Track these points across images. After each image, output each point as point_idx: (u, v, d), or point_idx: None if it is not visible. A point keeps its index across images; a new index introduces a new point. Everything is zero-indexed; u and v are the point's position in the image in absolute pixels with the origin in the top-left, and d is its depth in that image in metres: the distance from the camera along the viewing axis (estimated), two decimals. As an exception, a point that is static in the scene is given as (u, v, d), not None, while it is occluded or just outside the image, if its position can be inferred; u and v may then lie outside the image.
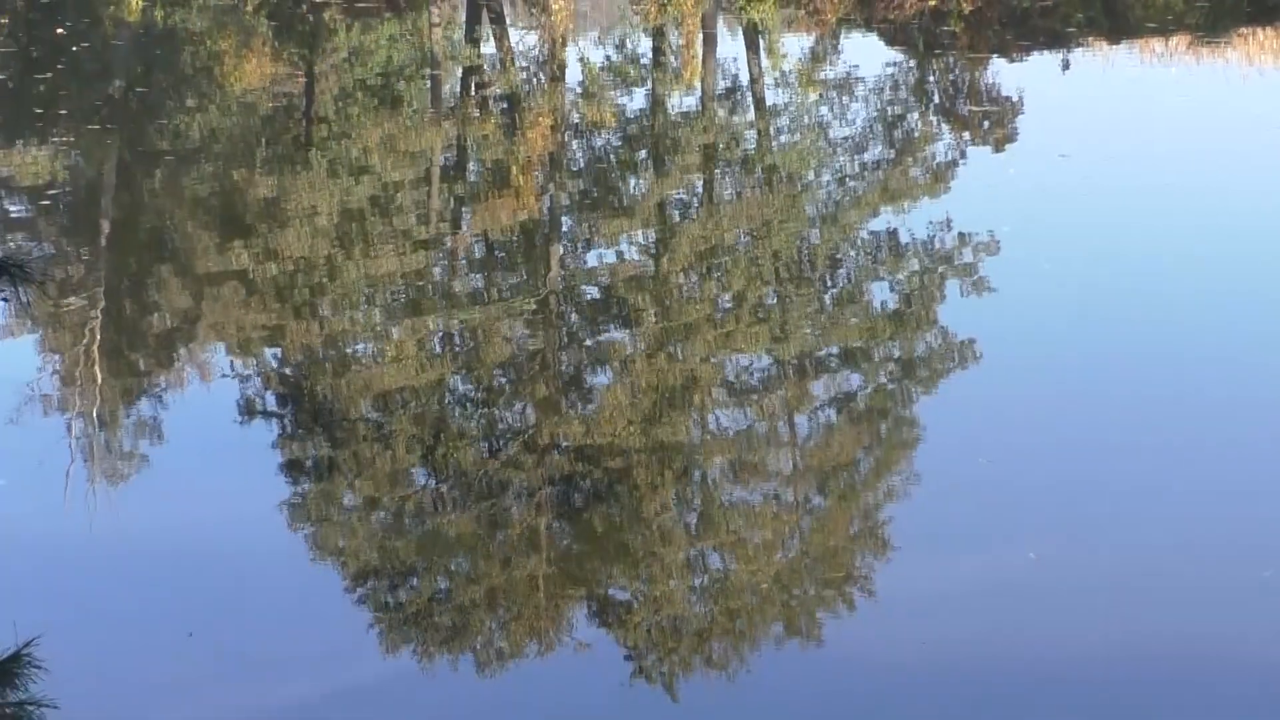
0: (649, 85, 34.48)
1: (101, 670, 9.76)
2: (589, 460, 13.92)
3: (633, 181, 25.66)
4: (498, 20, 42.77)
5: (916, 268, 19.85)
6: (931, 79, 34.31)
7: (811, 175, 25.75)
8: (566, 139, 28.57)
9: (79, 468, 14.07)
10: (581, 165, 26.64)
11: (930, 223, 21.75)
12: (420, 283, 19.81)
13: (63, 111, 29.88)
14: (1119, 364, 16.11)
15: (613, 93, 33.41)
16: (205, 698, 10.20)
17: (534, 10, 44.35)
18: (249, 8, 44.70)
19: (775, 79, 34.85)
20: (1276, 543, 12.10)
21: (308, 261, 20.58)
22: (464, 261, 21.01)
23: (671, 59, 37.97)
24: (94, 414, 15.55)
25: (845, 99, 32.12)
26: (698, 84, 34.60)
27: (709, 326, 17.82)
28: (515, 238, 21.90)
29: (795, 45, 38.94)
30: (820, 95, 32.58)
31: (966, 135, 28.54)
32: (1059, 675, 10.41)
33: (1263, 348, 16.58)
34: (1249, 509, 12.71)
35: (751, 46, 39.15)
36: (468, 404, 15.89)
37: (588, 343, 17.51)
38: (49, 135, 27.86)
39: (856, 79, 34.16)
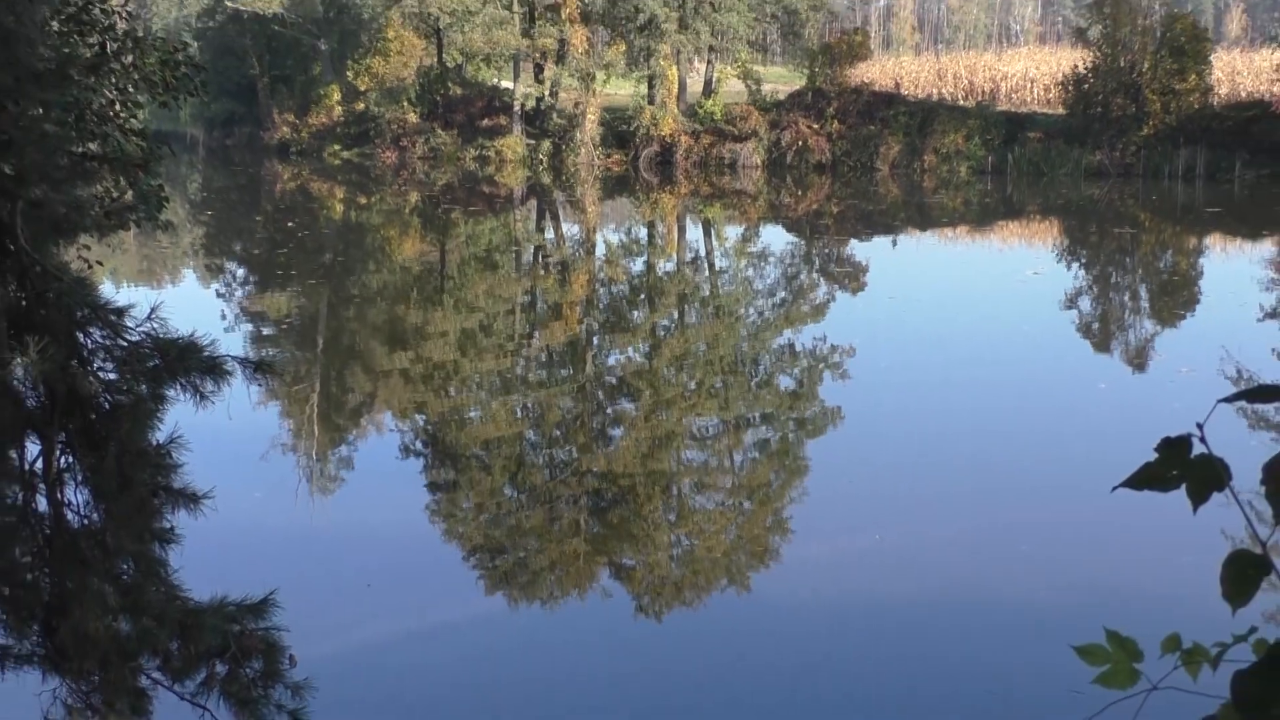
0: (645, 256, 34.63)
1: (314, 608, 9.69)
2: (610, 481, 13.89)
3: (635, 313, 25.73)
4: (555, 217, 43.15)
5: (805, 365, 19.87)
6: (814, 252, 34.45)
7: (742, 310, 25.85)
8: (596, 288, 28.66)
9: (303, 485, 14.04)
10: (605, 304, 26.71)
11: (813, 337, 21.83)
12: (508, 374, 19.83)
13: (293, 272, 29.96)
14: (932, 419, 16.10)
15: (623, 260, 33.55)
16: (379, 626, 10.16)
17: (576, 212, 44.70)
18: (406, 210, 45.00)
19: (720, 252, 34.99)
20: (1030, 527, 12.08)
21: (441, 362, 20.61)
22: (534, 362, 21.03)
23: (659, 239, 38.21)
24: (312, 453, 15.52)
25: (762, 264, 32.27)
26: (674, 255, 34.79)
27: (681, 400, 17.81)
28: (565, 347, 21.94)
29: (733, 231, 39.18)
30: (747, 262, 32.74)
31: (835, 286, 28.61)
32: (893, 614, 10.37)
33: (1021, 400, 16.65)
34: (1016, 508, 12.69)
35: (706, 232, 39.48)
36: (536, 447, 15.86)
37: (608, 410, 17.49)
38: (285, 286, 27.93)
39: (769, 252, 34.33)
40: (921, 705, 8.77)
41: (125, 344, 6.07)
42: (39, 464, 5.97)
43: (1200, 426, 1.73)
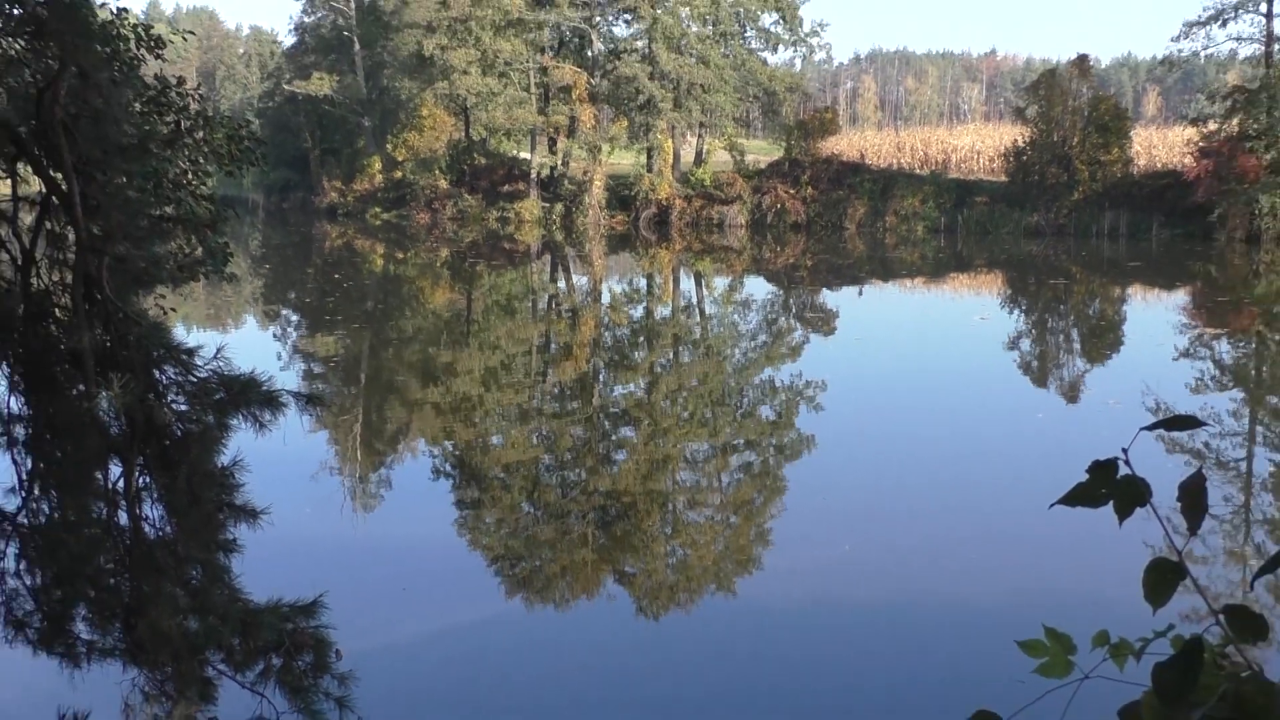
0: (644, 303, 34.67)
1: (356, 609, 9.65)
2: (614, 498, 13.85)
3: (636, 353, 25.73)
4: (566, 270, 43.22)
5: (783, 397, 19.85)
6: (791, 300, 34.49)
7: (729, 350, 25.84)
8: (602, 331, 28.70)
9: (347, 502, 14.00)
10: (610, 344, 26.73)
11: (790, 374, 21.81)
12: (526, 406, 19.80)
13: (339, 318, 30.00)
14: (894, 444, 16.08)
15: (626, 307, 33.59)
16: (413, 624, 10.11)
17: (585, 265, 44.77)
18: (438, 264, 45.07)
19: (710, 300, 35.02)
20: (978, 538, 12.05)
21: (467, 395, 20.59)
22: (549, 395, 21.02)
23: (656, 289, 38.26)
24: (356, 474, 15.49)
25: (746, 311, 32.29)
26: (670, 302, 34.82)
27: (676, 428, 17.79)
28: (575, 382, 21.92)
29: (720, 282, 39.22)
30: (733, 309, 32.77)
31: (809, 329, 28.63)
32: (861, 614, 10.34)
33: (970, 427, 16.63)
34: (967, 522, 12.66)
35: (697, 282, 39.51)
36: (550, 469, 15.83)
37: (613, 436, 17.47)
38: (333, 330, 27.96)
39: (752, 300, 34.36)
40: (887, 691, 8.74)
41: (195, 380, 6.08)
42: (121, 484, 5.98)
43: (1125, 451, 1.74)
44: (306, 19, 74.20)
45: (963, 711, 1.90)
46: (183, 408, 6.10)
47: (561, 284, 39.90)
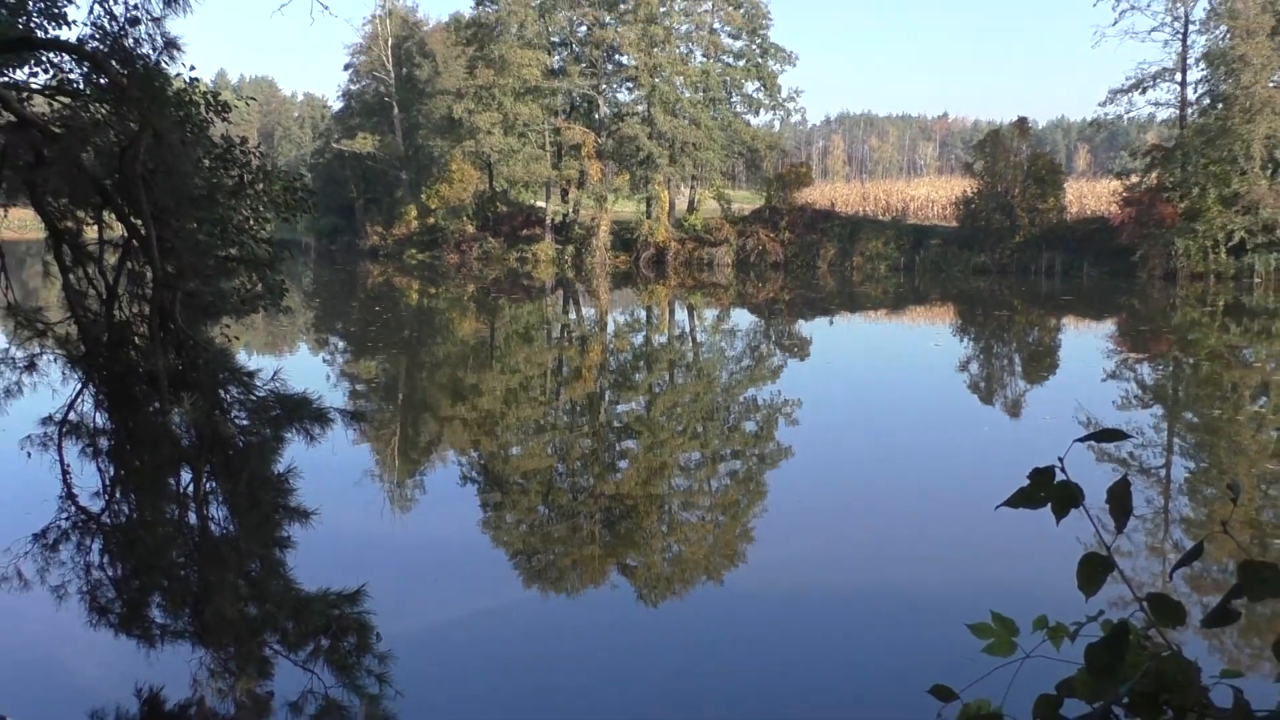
0: (644, 332, 34.67)
1: (394, 597, 9.62)
2: (618, 500, 13.82)
3: (637, 375, 25.72)
4: (576, 303, 43.21)
5: (764, 413, 19.84)
6: (771, 329, 34.48)
7: (717, 372, 25.83)
8: (607, 356, 28.68)
9: (387, 504, 13.98)
10: (614, 368, 26.71)
11: (771, 393, 21.78)
12: (541, 420, 19.79)
13: (380, 344, 30.01)
14: (860, 454, 16.07)
15: (628, 335, 33.58)
16: (440, 606, 10.08)
17: (593, 299, 44.79)
18: (465, 298, 45.09)
19: (701, 329, 35.01)
20: (933, 536, 12.01)
21: (490, 411, 20.58)
22: (561, 410, 21.01)
23: (654, 319, 38.26)
24: (393, 480, 15.47)
25: (733, 338, 32.27)
26: (666, 331, 34.81)
27: (672, 440, 17.77)
28: (584, 400, 21.91)
29: (710, 313, 39.22)
30: (721, 337, 32.76)
31: (786, 354, 28.62)
32: (833, 600, 10.31)
33: (925, 440, 16.61)
34: (923, 522, 12.63)
35: (690, 314, 39.46)
36: (562, 475, 15.80)
37: (616, 447, 17.45)
38: (374, 355, 27.97)
39: (738, 329, 34.35)
40: (854, 667, 8.71)
41: (255, 398, 6.09)
42: (190, 488, 5.98)
43: (1061, 459, 1.75)
44: (353, 87, 74.61)
45: (920, 685, 1.90)
46: (244, 422, 6.10)
47: (572, 315, 39.91)
